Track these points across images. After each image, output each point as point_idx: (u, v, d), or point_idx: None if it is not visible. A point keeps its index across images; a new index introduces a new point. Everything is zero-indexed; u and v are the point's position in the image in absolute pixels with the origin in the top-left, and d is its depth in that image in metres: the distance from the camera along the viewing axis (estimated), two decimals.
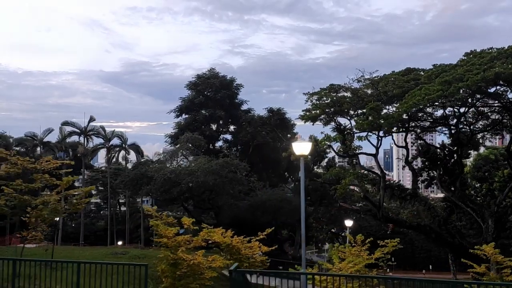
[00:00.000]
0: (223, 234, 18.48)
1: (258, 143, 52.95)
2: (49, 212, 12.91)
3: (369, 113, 30.39)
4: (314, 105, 40.27)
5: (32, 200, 11.80)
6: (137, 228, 62.57)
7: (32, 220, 28.20)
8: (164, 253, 14.29)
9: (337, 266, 14.92)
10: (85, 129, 43.42)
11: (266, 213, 42.43)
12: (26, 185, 12.55)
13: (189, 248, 14.83)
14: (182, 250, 14.18)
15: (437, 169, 47.88)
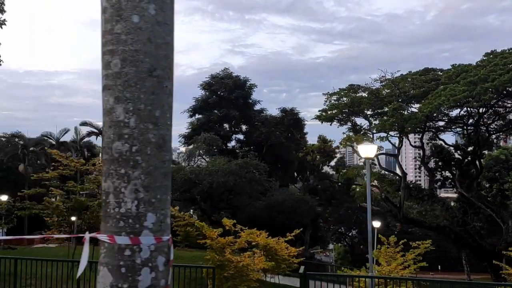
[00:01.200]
0: (258, 235, 18.49)
1: (272, 143, 52.90)
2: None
3: (392, 113, 30.26)
4: (331, 105, 40.26)
5: (88, 202, 11.78)
6: None
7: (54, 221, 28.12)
8: (210, 254, 14.24)
9: (386, 268, 14.84)
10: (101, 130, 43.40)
11: (282, 213, 42.37)
12: (81, 186, 12.52)
13: (233, 249, 14.81)
14: (229, 252, 14.15)
15: (450, 169, 47.86)
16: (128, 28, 2.57)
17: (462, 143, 49.68)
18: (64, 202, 11.76)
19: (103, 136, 2.70)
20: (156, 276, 2.58)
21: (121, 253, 2.53)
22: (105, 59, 2.64)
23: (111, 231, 2.57)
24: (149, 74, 2.60)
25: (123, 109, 2.58)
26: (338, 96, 38.20)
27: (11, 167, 48.71)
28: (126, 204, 2.55)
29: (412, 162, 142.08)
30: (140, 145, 2.58)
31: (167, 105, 2.72)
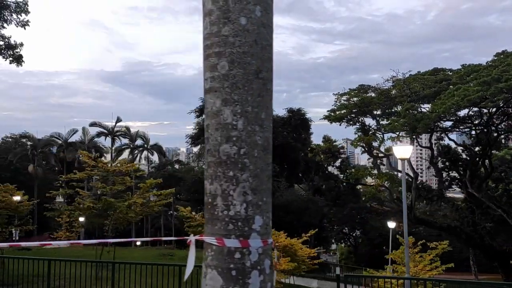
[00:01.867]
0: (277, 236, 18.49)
1: (279, 143, 52.78)
2: (134, 214, 12.89)
3: (404, 113, 30.18)
4: (341, 105, 40.23)
5: (117, 203, 11.79)
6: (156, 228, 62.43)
7: (64, 221, 28.07)
8: None
9: (413, 269, 14.83)
10: (112, 130, 43.59)
11: (290, 213, 42.37)
12: (110, 187, 12.55)
13: None
14: None
15: (458, 169, 47.73)
16: (236, 30, 2.57)
17: (469, 143, 49.58)
18: (94, 203, 11.80)
19: (207, 138, 2.69)
20: (264, 279, 2.57)
21: (231, 256, 2.52)
22: (210, 61, 2.63)
23: (220, 234, 2.56)
24: (255, 76, 2.60)
25: (230, 112, 2.57)
26: (348, 96, 38.11)
27: (19, 168, 48.86)
28: (235, 206, 2.55)
29: (414, 161, 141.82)
30: (247, 148, 2.57)
31: (270, 107, 2.71)
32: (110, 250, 17.00)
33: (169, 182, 41.59)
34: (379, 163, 45.76)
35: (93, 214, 12.25)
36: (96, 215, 12.41)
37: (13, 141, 50.45)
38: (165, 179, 40.68)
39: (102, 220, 12.98)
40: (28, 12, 14.25)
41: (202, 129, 56.03)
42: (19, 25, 14.61)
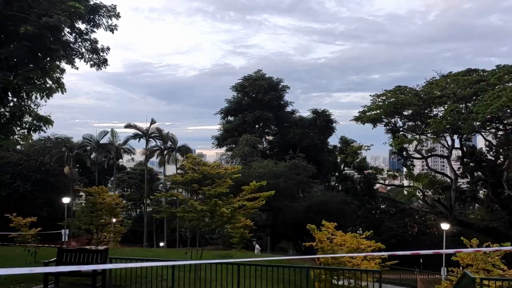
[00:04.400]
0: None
1: (307, 144, 52.84)
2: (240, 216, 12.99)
3: (449, 114, 30.09)
4: (376, 106, 40.17)
5: (223, 205, 11.87)
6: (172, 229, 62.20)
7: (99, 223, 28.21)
8: (323, 257, 14.21)
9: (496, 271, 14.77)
10: (147, 131, 43.87)
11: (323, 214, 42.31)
12: (214, 190, 12.63)
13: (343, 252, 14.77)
14: None
15: (483, 170, 47.41)
16: None
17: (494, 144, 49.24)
18: (203, 205, 11.89)
19: None
20: None
21: None
22: None
23: None
24: None
25: None
26: (385, 98, 38.07)
27: (49, 169, 49.15)
28: None
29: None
30: None
31: None
32: (188, 252, 17.09)
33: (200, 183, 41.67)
34: (409, 164, 45.69)
35: (200, 215, 12.34)
36: (199, 218, 12.49)
37: (42, 143, 50.74)
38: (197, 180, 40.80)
39: (205, 223, 13.07)
40: (119, 16, 14.32)
41: (228, 130, 56.16)
42: (108, 29, 14.62)
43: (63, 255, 11.76)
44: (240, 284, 11.04)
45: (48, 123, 13.04)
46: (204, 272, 12.45)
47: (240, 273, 11.05)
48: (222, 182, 12.61)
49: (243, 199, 12.58)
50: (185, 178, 13.02)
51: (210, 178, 12.89)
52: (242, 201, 12.38)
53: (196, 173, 12.97)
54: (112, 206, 18.20)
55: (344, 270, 13.02)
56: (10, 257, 20.43)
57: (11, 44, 11.86)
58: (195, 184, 13.09)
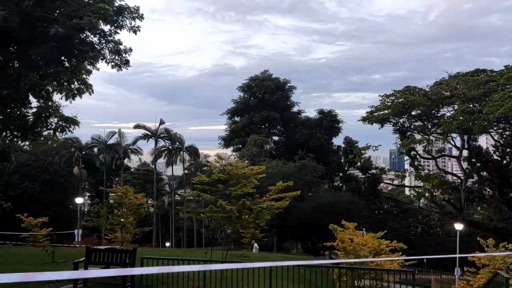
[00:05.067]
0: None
1: (313, 145, 52.88)
2: (268, 215, 13.08)
3: (460, 114, 30.12)
4: (384, 106, 40.21)
5: (251, 205, 11.94)
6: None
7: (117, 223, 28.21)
8: (347, 258, 14.26)
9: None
10: (156, 132, 44.01)
11: (329, 214, 42.33)
12: (241, 190, 12.72)
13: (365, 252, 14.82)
14: (365, 255, 14.20)
15: (489, 170, 47.40)
16: None
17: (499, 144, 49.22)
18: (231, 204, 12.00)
19: None
20: None
21: None
22: None
23: None
24: None
25: None
26: (394, 98, 38.11)
27: (57, 170, 49.28)
28: None
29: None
30: None
31: None
32: (207, 252, 17.18)
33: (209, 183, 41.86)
34: (417, 164, 45.72)
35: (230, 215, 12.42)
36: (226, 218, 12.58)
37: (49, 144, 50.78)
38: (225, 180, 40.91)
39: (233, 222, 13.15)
40: (142, 18, 14.40)
41: (234, 130, 56.22)
42: (131, 31, 14.69)
43: (92, 255, 11.83)
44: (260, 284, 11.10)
45: (74, 124, 13.15)
46: (230, 272, 12.53)
47: (266, 274, 11.10)
48: (247, 182, 12.66)
49: (269, 199, 12.64)
50: (211, 178, 13.07)
51: (235, 178, 12.94)
52: (269, 202, 12.44)
53: (222, 173, 13.00)
54: (137, 206, 18.26)
55: (382, 270, 13.03)
56: (27, 256, 20.50)
57: (40, 45, 11.95)
58: (220, 184, 13.14)
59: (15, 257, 20.47)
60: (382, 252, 18.01)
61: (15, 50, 12.98)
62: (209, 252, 16.77)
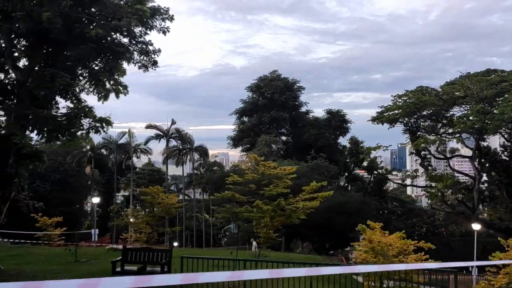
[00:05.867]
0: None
1: (322, 144, 52.93)
2: (303, 215, 13.20)
3: (475, 115, 30.16)
4: (395, 106, 40.24)
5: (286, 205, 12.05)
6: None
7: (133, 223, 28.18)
8: (376, 258, 14.31)
9: None
10: (167, 132, 44.20)
11: (341, 214, 42.36)
12: (275, 190, 12.82)
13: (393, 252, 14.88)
14: (393, 255, 14.27)
15: (497, 170, 47.34)
16: None
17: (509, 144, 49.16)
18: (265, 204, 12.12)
19: None
20: None
21: None
22: None
23: None
24: None
25: None
26: (406, 98, 38.15)
27: (67, 169, 49.47)
28: None
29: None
30: None
31: None
32: (233, 252, 17.30)
33: (221, 184, 41.94)
34: (426, 164, 45.77)
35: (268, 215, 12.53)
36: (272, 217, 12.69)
37: None
38: (219, 181, 41.00)
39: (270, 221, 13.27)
40: (173, 19, 14.49)
41: (243, 130, 56.32)
42: (160, 32, 14.77)
43: (128, 254, 11.95)
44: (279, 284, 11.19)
45: (108, 124, 13.25)
46: None
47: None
48: (280, 182, 12.76)
49: (301, 199, 12.74)
50: (245, 178, 13.17)
51: (267, 178, 13.04)
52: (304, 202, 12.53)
53: (255, 173, 13.09)
54: (168, 206, 18.38)
55: (425, 270, 13.05)
56: (48, 256, 20.66)
57: (77, 46, 12.06)
58: (252, 185, 13.24)
59: (36, 257, 20.62)
60: (406, 252, 18.06)
61: (50, 51, 13.09)
62: (234, 252, 16.91)
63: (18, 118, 11.84)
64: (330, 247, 53.54)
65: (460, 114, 40.62)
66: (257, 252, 14.83)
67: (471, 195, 34.99)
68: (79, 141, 12.89)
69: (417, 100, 37.31)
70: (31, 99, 12.85)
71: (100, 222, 51.20)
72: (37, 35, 12.08)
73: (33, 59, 13.21)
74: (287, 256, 22.46)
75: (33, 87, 12.49)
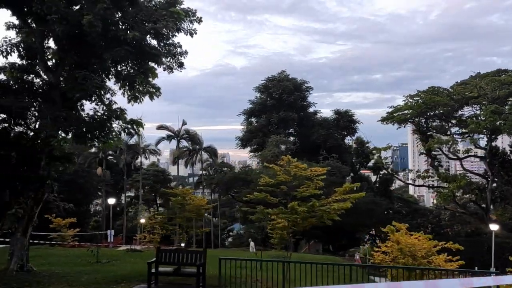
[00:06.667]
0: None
1: (331, 145, 52.94)
2: (336, 216, 13.27)
3: (490, 115, 30.16)
4: (406, 106, 40.26)
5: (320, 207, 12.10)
6: None
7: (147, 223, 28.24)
8: (405, 259, 14.33)
9: None
10: (178, 133, 44.31)
11: (351, 214, 42.38)
12: (308, 191, 12.88)
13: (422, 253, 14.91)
14: (422, 256, 14.31)
15: (507, 171, 47.28)
16: None
17: None
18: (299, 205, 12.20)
19: None
20: None
21: None
22: None
23: None
24: None
25: None
26: (418, 98, 38.17)
27: (77, 170, 49.57)
28: None
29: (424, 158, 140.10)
30: None
31: None
32: (257, 252, 17.32)
33: (231, 184, 42.02)
34: (437, 164, 45.76)
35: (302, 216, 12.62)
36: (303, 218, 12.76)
37: None
38: (232, 181, 41.13)
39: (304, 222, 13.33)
40: (201, 21, 14.53)
41: (252, 131, 56.34)
42: (187, 33, 14.80)
43: (162, 255, 11.99)
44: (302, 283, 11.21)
45: (139, 126, 13.32)
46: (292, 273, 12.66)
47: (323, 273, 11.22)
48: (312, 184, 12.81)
49: (333, 200, 12.80)
50: (277, 179, 13.23)
51: (298, 180, 13.10)
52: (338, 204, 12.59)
53: (287, 174, 13.15)
54: (198, 207, 18.43)
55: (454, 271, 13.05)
56: (69, 257, 20.71)
57: (113, 49, 12.12)
58: (283, 186, 13.30)
59: (58, 258, 20.68)
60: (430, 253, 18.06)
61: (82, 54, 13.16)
62: (259, 253, 16.94)
63: (54, 120, 11.91)
64: (339, 247, 53.62)
65: (469, 114, 40.72)
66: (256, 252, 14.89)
67: (484, 195, 34.94)
68: (111, 143, 12.95)
69: (430, 100, 37.30)
70: (63, 101, 12.93)
71: (106, 222, 51.40)
72: (71, 37, 12.15)
73: (65, 62, 13.29)
74: (303, 257, 22.48)
75: (66, 89, 12.56)
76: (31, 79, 12.95)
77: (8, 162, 13.43)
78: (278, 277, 12.23)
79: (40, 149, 12.69)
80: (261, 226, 41.09)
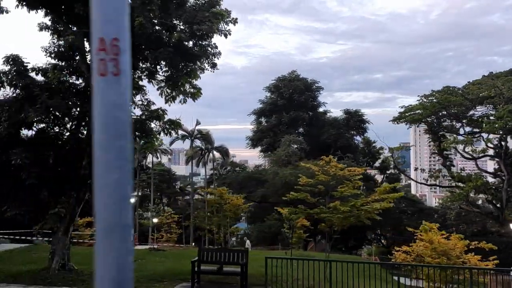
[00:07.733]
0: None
1: (342, 145, 53.01)
2: (375, 215, 13.39)
3: (507, 115, 30.18)
4: (420, 105, 40.28)
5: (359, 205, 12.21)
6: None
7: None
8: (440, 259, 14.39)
9: None
10: (192, 133, 44.48)
11: None
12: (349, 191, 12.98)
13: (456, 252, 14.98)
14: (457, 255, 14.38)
15: None
16: None
17: None
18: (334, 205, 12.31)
19: None
20: None
21: None
22: None
23: None
24: None
25: None
26: (433, 98, 38.19)
27: None
28: None
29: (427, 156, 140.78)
30: None
31: None
32: (287, 252, 17.44)
33: (245, 184, 42.07)
34: (448, 164, 45.79)
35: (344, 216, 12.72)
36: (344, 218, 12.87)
37: None
38: (245, 181, 41.25)
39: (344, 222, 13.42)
40: (236, 22, 14.63)
41: (262, 131, 56.48)
42: (222, 34, 14.90)
43: (204, 255, 12.12)
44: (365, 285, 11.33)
45: (178, 126, 13.44)
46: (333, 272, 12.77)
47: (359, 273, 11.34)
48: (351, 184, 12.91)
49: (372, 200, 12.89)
50: (316, 179, 13.35)
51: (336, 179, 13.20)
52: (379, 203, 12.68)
53: (326, 174, 13.25)
54: (236, 206, 18.56)
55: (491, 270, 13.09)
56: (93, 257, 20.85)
57: (156, 50, 12.25)
58: (321, 186, 13.40)
59: (83, 256, 20.82)
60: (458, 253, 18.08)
61: None
62: (289, 252, 17.07)
63: None
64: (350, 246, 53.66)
65: (480, 114, 40.73)
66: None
67: (499, 195, 34.97)
68: (154, 144, 13.07)
69: (445, 100, 37.32)
70: None
71: None
72: None
73: None
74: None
75: None
76: (73, 80, 13.08)
77: (46, 163, 13.59)
78: (319, 276, 12.34)
79: (81, 149, 12.83)
80: (270, 226, 41.15)
